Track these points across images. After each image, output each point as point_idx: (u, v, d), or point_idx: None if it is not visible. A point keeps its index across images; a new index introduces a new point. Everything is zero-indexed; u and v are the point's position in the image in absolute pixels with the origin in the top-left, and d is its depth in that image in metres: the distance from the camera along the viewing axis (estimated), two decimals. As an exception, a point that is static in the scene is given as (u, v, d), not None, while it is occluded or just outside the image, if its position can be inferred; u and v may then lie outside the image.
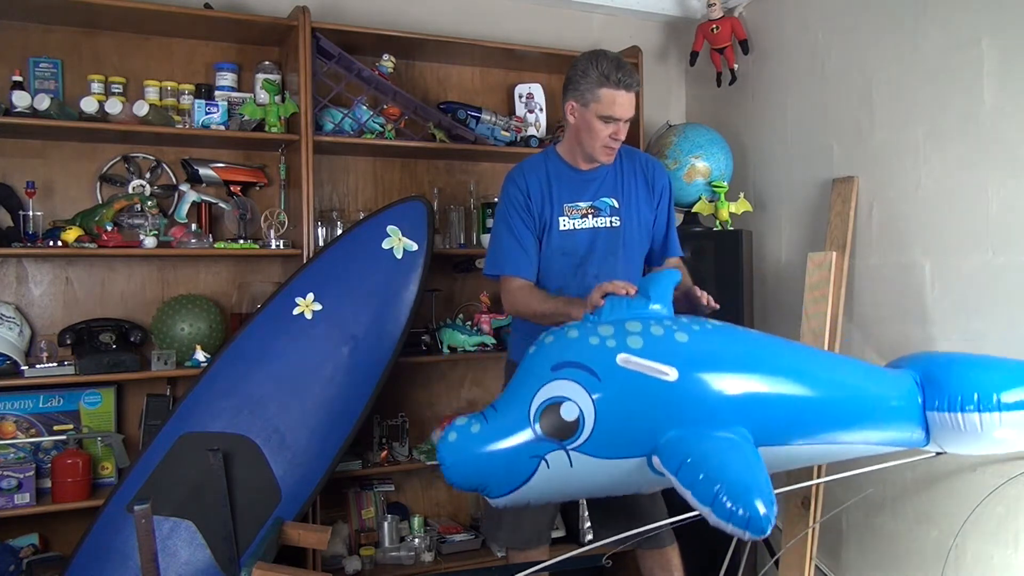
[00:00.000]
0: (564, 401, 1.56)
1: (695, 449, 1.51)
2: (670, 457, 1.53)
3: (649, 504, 2.19)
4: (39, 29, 2.53)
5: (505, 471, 1.60)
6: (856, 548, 2.56)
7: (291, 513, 2.24)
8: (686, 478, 1.47)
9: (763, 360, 1.69)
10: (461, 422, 1.64)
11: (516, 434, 1.58)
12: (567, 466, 1.58)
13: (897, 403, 1.76)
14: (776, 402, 1.65)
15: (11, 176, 2.49)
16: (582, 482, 1.64)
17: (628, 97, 2.03)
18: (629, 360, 1.56)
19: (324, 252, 2.46)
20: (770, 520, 1.39)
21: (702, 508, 1.44)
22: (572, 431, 1.56)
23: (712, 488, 1.42)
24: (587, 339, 1.62)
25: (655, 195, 2.20)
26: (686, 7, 3.30)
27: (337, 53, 2.64)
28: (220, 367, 2.30)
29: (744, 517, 1.38)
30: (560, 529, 2.96)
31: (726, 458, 1.49)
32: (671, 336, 1.63)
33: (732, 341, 1.72)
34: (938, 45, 2.29)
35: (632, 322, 1.64)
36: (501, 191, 2.20)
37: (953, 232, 2.25)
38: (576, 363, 1.58)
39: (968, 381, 1.73)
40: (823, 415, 1.70)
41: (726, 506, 1.40)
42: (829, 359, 1.88)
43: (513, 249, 2.12)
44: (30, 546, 2.40)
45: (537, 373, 1.62)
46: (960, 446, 1.80)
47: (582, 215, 2.14)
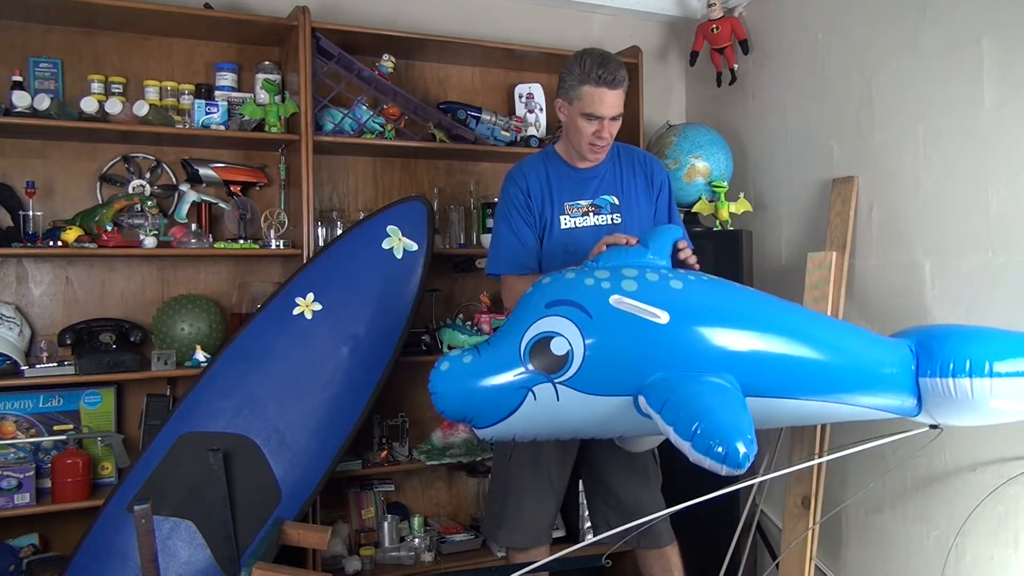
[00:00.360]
0: (555, 336, 1.59)
1: (680, 388, 1.54)
2: (655, 396, 1.55)
3: (649, 504, 2.20)
4: (39, 29, 2.53)
5: (493, 402, 1.63)
6: (856, 548, 2.56)
7: (291, 513, 2.24)
8: (669, 414, 1.50)
9: (757, 314, 1.71)
10: (454, 353, 1.68)
11: (506, 366, 1.62)
12: (554, 400, 1.61)
13: (890, 369, 1.76)
14: (766, 356, 1.66)
15: (11, 176, 2.49)
16: (568, 417, 1.66)
17: (612, 95, 2.02)
18: (622, 301, 1.59)
19: (324, 252, 2.46)
20: (748, 457, 1.41)
21: (682, 443, 1.46)
22: (561, 365, 1.59)
23: (692, 424, 1.44)
24: (582, 280, 1.66)
25: (654, 190, 2.20)
26: (686, 7, 3.30)
27: (337, 53, 2.64)
28: (220, 367, 2.30)
29: (722, 453, 1.40)
30: (560, 529, 2.96)
31: (709, 397, 1.52)
32: (666, 283, 1.66)
33: (727, 293, 1.74)
34: (938, 45, 2.29)
35: (628, 268, 1.68)
36: (501, 190, 2.20)
37: (953, 232, 2.25)
38: (569, 301, 1.62)
39: (961, 348, 1.73)
40: (814, 374, 1.71)
41: (704, 440, 1.42)
42: (825, 321, 1.87)
43: (514, 248, 2.13)
44: (30, 546, 2.40)
45: (531, 310, 1.66)
46: (952, 415, 1.78)
47: (583, 213, 2.14)
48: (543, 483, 2.19)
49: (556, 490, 2.22)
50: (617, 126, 2.08)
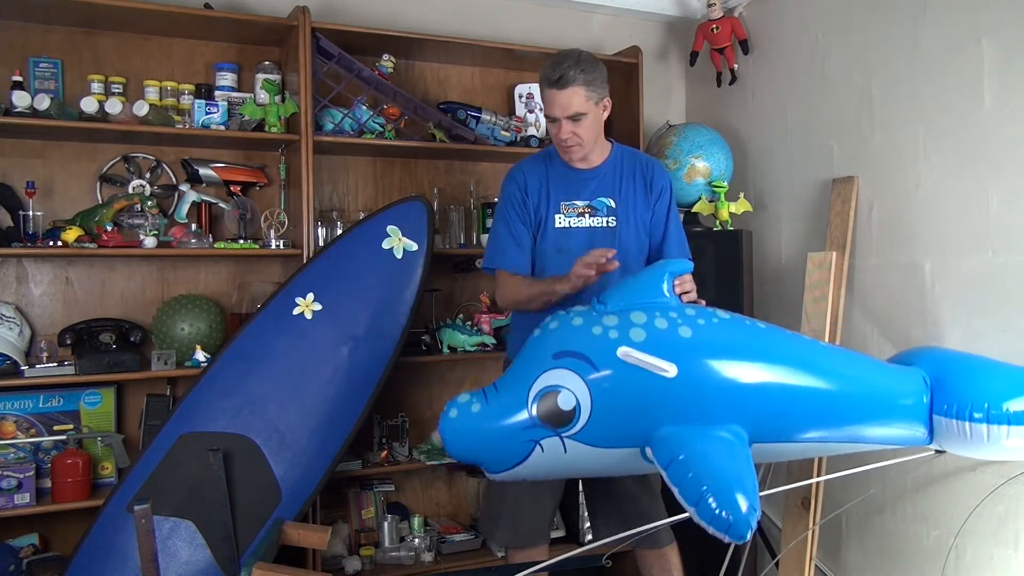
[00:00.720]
0: (561, 390, 1.58)
1: (687, 447, 1.52)
2: (662, 452, 1.54)
3: (649, 504, 2.20)
4: (39, 29, 2.53)
5: (501, 451, 1.63)
6: (856, 548, 2.56)
7: (291, 513, 2.24)
8: (675, 475, 1.49)
9: (768, 357, 1.67)
10: (463, 399, 1.67)
11: (513, 418, 1.61)
12: (561, 451, 1.60)
13: (904, 400, 1.74)
14: (777, 401, 1.64)
15: (11, 176, 2.49)
16: (576, 465, 1.67)
17: (561, 95, 2.00)
18: (629, 354, 1.57)
19: (324, 252, 2.46)
20: (751, 527, 1.41)
21: (688, 507, 1.46)
22: (568, 420, 1.58)
23: (699, 488, 1.44)
24: (590, 328, 1.63)
25: (653, 195, 2.19)
26: (686, 7, 3.30)
27: (337, 53, 2.64)
28: (220, 367, 2.30)
29: (727, 521, 1.41)
30: (560, 529, 2.96)
31: (716, 460, 1.51)
32: (674, 330, 1.62)
33: (737, 337, 1.70)
34: (938, 45, 2.29)
35: (637, 312, 1.64)
36: (501, 188, 2.22)
37: (953, 232, 2.25)
38: (576, 353, 1.60)
39: (979, 389, 1.70)
40: (826, 414, 1.69)
41: (711, 507, 1.42)
42: (837, 354, 1.85)
43: (508, 244, 2.14)
44: (30, 546, 2.40)
45: (538, 359, 1.64)
46: (964, 451, 1.78)
47: (578, 213, 2.14)
48: (539, 484, 2.19)
49: (554, 490, 2.22)
50: (585, 127, 2.04)
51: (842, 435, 1.72)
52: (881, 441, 1.78)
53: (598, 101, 2.06)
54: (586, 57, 2.05)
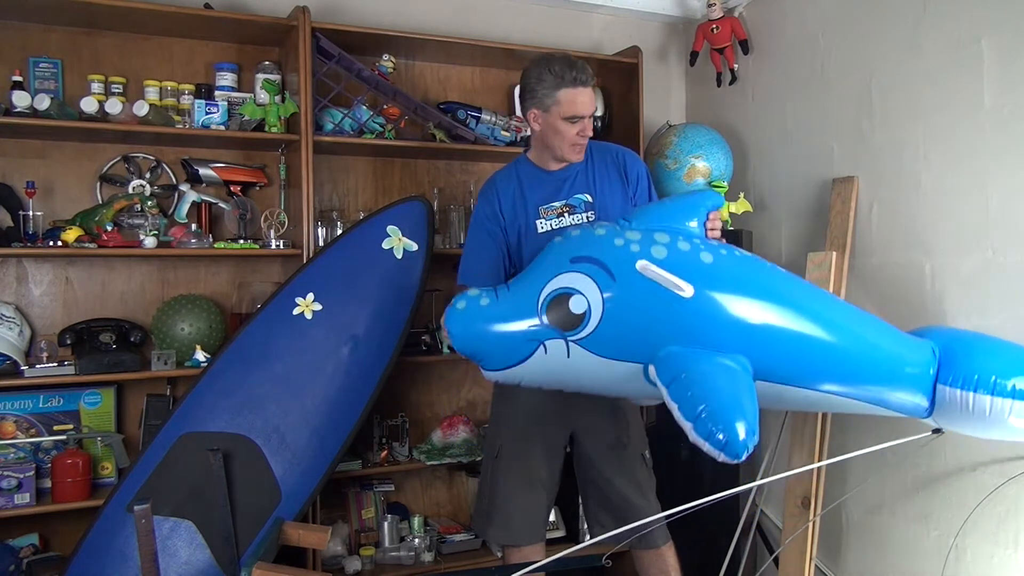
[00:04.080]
0: (574, 293, 1.57)
1: (691, 367, 1.52)
2: (665, 370, 1.54)
3: (644, 505, 2.21)
4: (39, 29, 2.53)
5: (503, 348, 1.63)
6: (856, 548, 2.56)
7: (291, 513, 2.24)
8: (676, 392, 1.49)
9: (782, 297, 1.66)
10: (473, 292, 1.67)
11: (521, 316, 1.60)
12: (564, 356, 1.60)
13: (911, 369, 1.72)
14: (784, 341, 1.63)
15: (11, 176, 2.49)
16: (575, 374, 1.66)
17: (587, 93, 2.05)
18: (648, 268, 1.56)
19: (324, 252, 2.46)
20: (747, 447, 1.40)
21: (685, 423, 1.45)
22: (576, 324, 1.57)
23: (697, 406, 1.43)
24: (612, 239, 1.62)
25: (630, 183, 2.20)
26: (686, 7, 3.30)
27: (337, 53, 2.64)
28: (220, 367, 2.30)
29: (722, 440, 1.40)
30: (560, 529, 2.96)
31: (718, 382, 1.50)
32: (696, 253, 1.62)
33: (756, 273, 1.69)
34: (938, 45, 2.29)
35: (661, 233, 1.63)
36: (476, 201, 2.24)
37: (953, 232, 2.25)
38: (595, 259, 1.59)
39: (987, 362, 1.69)
40: (831, 364, 1.68)
41: (707, 425, 1.41)
42: (851, 311, 1.82)
43: (474, 262, 2.19)
44: (30, 546, 2.40)
45: (555, 261, 1.63)
46: (963, 426, 1.76)
47: (557, 215, 2.15)
48: (531, 481, 2.19)
49: (547, 487, 2.22)
50: (591, 123, 2.11)
51: (843, 390, 1.70)
52: (881, 404, 1.75)
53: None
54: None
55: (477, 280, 2.16)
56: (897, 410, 1.77)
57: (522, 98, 2.14)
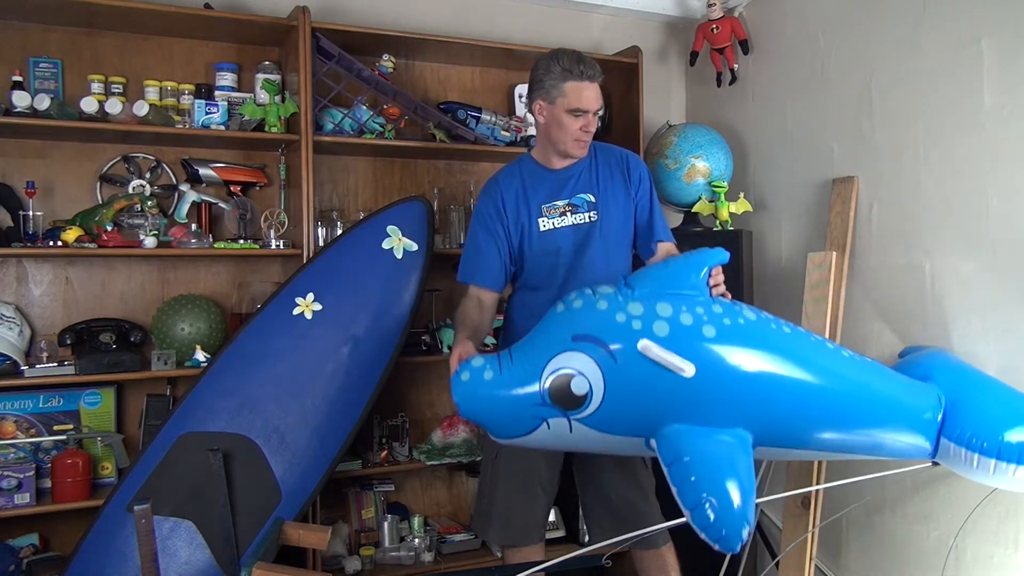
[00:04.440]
0: (576, 375, 1.57)
1: (692, 450, 1.53)
2: (667, 450, 1.56)
3: (644, 506, 2.20)
4: (39, 29, 2.53)
5: (508, 421, 1.65)
6: (856, 548, 2.56)
7: (291, 513, 2.24)
8: (677, 475, 1.51)
9: (785, 361, 1.65)
10: (477, 363, 1.68)
11: (524, 393, 1.61)
12: (566, 431, 1.62)
13: (917, 417, 1.74)
14: (788, 409, 1.64)
15: (11, 176, 2.49)
16: (578, 444, 1.70)
17: (593, 88, 2.07)
18: (649, 348, 1.56)
19: (324, 252, 2.46)
20: (741, 541, 1.44)
21: (685, 509, 1.48)
22: (578, 404, 1.58)
23: (699, 495, 1.46)
24: (614, 315, 1.61)
25: (632, 185, 2.20)
26: (686, 7, 3.30)
27: (337, 53, 2.64)
28: (220, 367, 2.30)
29: (719, 533, 1.44)
30: (560, 529, 2.96)
31: (718, 467, 1.52)
32: (699, 328, 1.60)
33: (760, 342, 1.66)
34: (938, 45, 2.29)
35: (663, 304, 1.62)
36: (478, 199, 2.24)
37: (953, 232, 2.25)
38: (596, 339, 1.59)
39: (995, 424, 1.69)
40: (836, 421, 1.69)
41: (707, 515, 1.44)
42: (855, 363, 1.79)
43: (474, 260, 2.18)
44: (30, 546, 2.40)
45: (557, 337, 1.63)
46: (964, 474, 1.79)
47: (560, 214, 2.15)
48: (530, 481, 2.19)
49: (546, 488, 2.22)
50: (596, 120, 2.12)
51: (848, 445, 1.72)
52: (885, 452, 1.78)
53: None
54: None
55: (477, 279, 2.18)
56: (901, 456, 1.80)
57: (529, 91, 2.15)
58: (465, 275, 2.21)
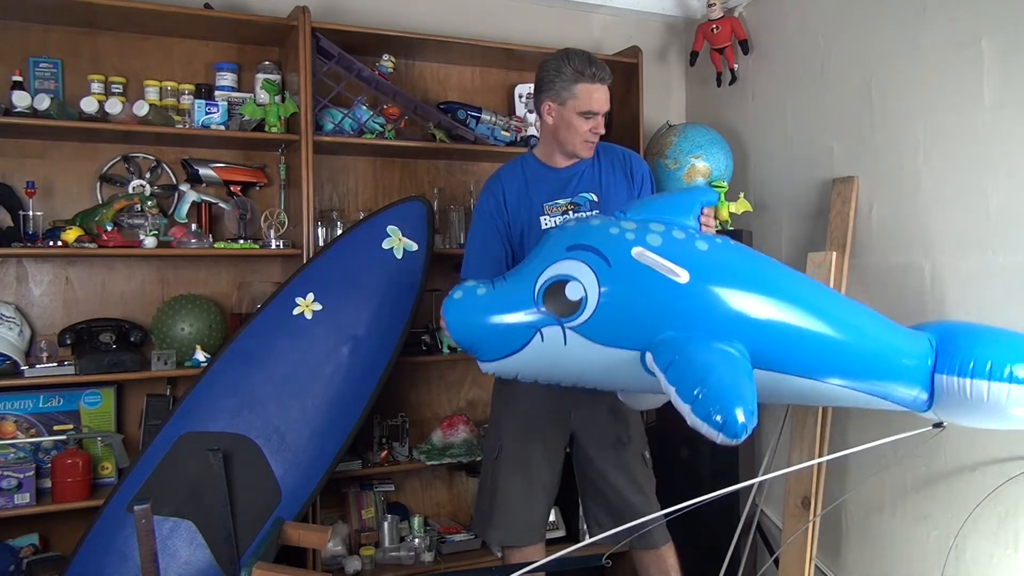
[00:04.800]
0: (570, 280, 1.58)
1: (688, 351, 1.52)
2: (662, 354, 1.54)
3: (642, 504, 2.21)
4: (39, 29, 2.53)
5: (500, 337, 1.64)
6: (856, 548, 2.56)
7: (291, 513, 2.24)
8: (673, 375, 1.49)
9: (779, 287, 1.67)
10: (470, 283, 1.69)
11: (518, 304, 1.61)
12: (561, 343, 1.60)
13: (909, 360, 1.72)
14: (783, 331, 1.63)
15: (11, 176, 2.49)
16: (572, 363, 1.66)
17: (603, 90, 2.08)
18: (644, 254, 1.57)
19: (324, 252, 2.46)
20: (745, 428, 1.39)
21: (682, 405, 1.45)
22: (573, 310, 1.58)
23: (695, 387, 1.43)
24: (607, 228, 1.64)
25: (635, 184, 2.21)
26: (686, 7, 3.30)
27: (337, 53, 2.64)
28: (220, 367, 2.30)
29: (720, 421, 1.39)
30: (560, 529, 2.96)
31: (716, 364, 1.50)
32: (692, 242, 1.64)
33: (752, 262, 1.71)
34: (938, 45, 2.29)
35: (656, 224, 1.65)
36: (480, 195, 2.24)
37: (953, 232, 2.25)
38: (590, 247, 1.60)
39: (983, 349, 1.68)
40: (829, 354, 1.67)
41: (705, 406, 1.41)
42: (847, 303, 1.82)
43: (478, 256, 2.18)
44: (30, 546, 2.40)
45: (551, 251, 1.64)
46: (964, 416, 1.75)
47: (562, 212, 2.16)
48: (531, 481, 2.20)
49: (546, 488, 2.22)
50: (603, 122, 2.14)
51: (841, 381, 1.70)
52: (880, 395, 1.74)
53: None
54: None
55: (481, 275, 2.15)
56: (897, 403, 1.77)
57: (537, 90, 2.15)
58: (469, 271, 2.20)
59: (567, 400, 2.20)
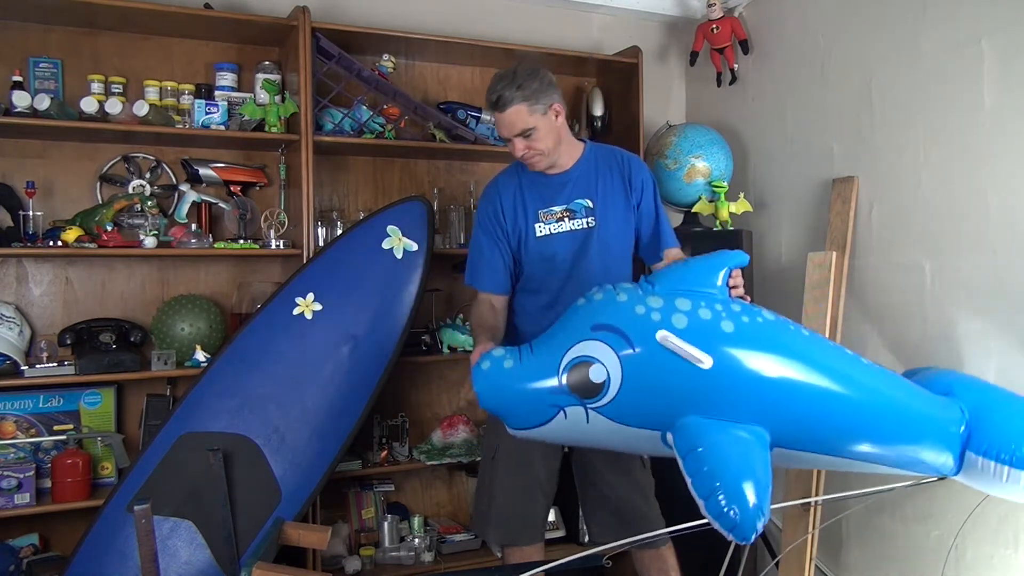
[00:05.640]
0: (594, 363, 1.58)
1: (708, 441, 1.52)
2: (682, 441, 1.55)
3: (644, 506, 2.21)
4: (39, 29, 2.53)
5: (526, 410, 1.66)
6: (856, 548, 2.56)
7: (291, 513, 2.24)
8: (691, 466, 1.49)
9: (803, 363, 1.64)
10: (498, 353, 1.71)
11: (543, 381, 1.63)
12: (583, 421, 1.62)
13: (938, 433, 1.71)
14: (806, 411, 1.62)
15: (11, 176, 2.49)
16: (595, 437, 1.69)
17: (503, 116, 2.02)
18: (668, 339, 1.57)
19: (324, 252, 2.46)
20: (755, 531, 1.42)
21: (698, 499, 1.46)
22: (596, 392, 1.59)
23: (712, 483, 1.44)
24: (633, 306, 1.63)
25: (634, 190, 2.16)
26: (686, 7, 3.30)
27: (337, 53, 2.64)
28: (220, 367, 2.30)
29: (733, 520, 1.41)
30: (560, 529, 2.96)
31: (734, 458, 1.50)
32: (717, 323, 1.61)
33: (778, 340, 1.66)
34: (938, 45, 2.29)
35: (682, 299, 1.63)
36: (478, 203, 2.24)
37: (953, 232, 2.25)
38: (615, 328, 1.60)
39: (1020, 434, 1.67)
40: (855, 427, 1.66)
41: (720, 504, 1.42)
42: (876, 372, 1.77)
43: (478, 265, 2.19)
44: (30, 546, 2.40)
45: (577, 327, 1.65)
46: (989, 488, 1.76)
47: (557, 219, 2.13)
48: (528, 481, 2.19)
49: (544, 487, 2.22)
50: (540, 139, 2.04)
51: (869, 453, 1.69)
52: (907, 466, 1.74)
53: (545, 111, 2.03)
54: (524, 72, 2.02)
55: (482, 283, 2.18)
56: (923, 471, 1.76)
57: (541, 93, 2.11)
58: (472, 279, 2.21)
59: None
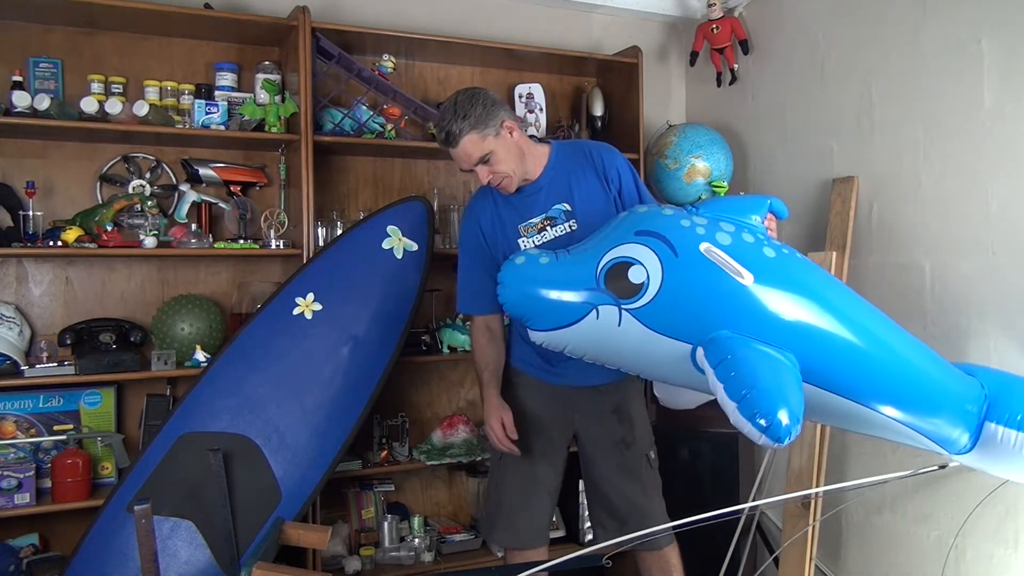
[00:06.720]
0: (635, 263, 1.58)
1: (741, 351, 1.52)
2: (714, 351, 1.54)
3: (647, 505, 2.20)
4: (39, 29, 2.53)
5: (556, 308, 1.64)
6: (856, 548, 2.56)
7: (291, 513, 2.24)
8: (722, 372, 1.49)
9: (838, 305, 1.65)
10: (533, 251, 1.69)
11: (580, 280, 1.61)
12: (615, 324, 1.60)
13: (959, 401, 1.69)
14: (836, 347, 1.61)
15: (11, 176, 2.49)
16: (621, 346, 1.65)
17: (457, 151, 2.00)
18: (711, 250, 1.57)
19: (324, 252, 2.46)
20: (789, 432, 1.39)
21: (728, 403, 1.45)
22: (633, 293, 1.58)
23: (743, 387, 1.43)
24: (679, 219, 1.63)
25: (611, 181, 2.11)
26: (686, 7, 3.30)
27: (337, 53, 2.64)
28: (220, 367, 2.30)
29: (764, 424, 1.39)
30: (560, 529, 2.96)
31: (766, 368, 1.49)
32: (760, 246, 1.63)
33: (816, 276, 1.69)
34: (938, 45, 2.29)
35: (727, 223, 1.65)
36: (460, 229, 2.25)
37: (953, 232, 2.25)
38: (660, 234, 1.60)
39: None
40: (881, 380, 1.65)
41: (751, 407, 1.41)
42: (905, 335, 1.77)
43: (467, 291, 2.20)
44: (30, 546, 2.40)
45: (619, 233, 1.65)
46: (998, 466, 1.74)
47: (539, 230, 2.10)
48: (535, 484, 2.20)
49: (550, 490, 2.22)
50: (500, 161, 2.01)
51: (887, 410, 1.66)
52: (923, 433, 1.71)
53: (497, 133, 2.00)
54: (463, 100, 1.99)
55: (476, 307, 2.18)
56: (935, 440, 1.73)
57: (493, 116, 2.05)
58: (464, 306, 2.23)
59: (570, 402, 2.20)
